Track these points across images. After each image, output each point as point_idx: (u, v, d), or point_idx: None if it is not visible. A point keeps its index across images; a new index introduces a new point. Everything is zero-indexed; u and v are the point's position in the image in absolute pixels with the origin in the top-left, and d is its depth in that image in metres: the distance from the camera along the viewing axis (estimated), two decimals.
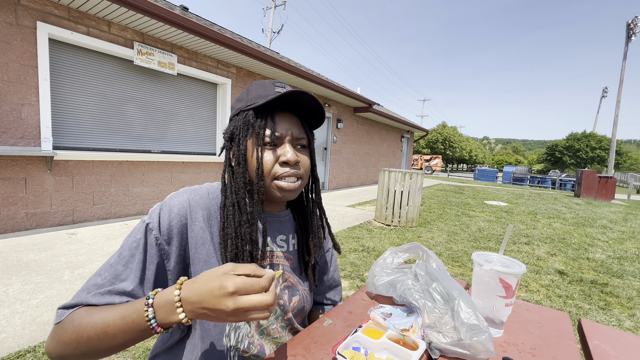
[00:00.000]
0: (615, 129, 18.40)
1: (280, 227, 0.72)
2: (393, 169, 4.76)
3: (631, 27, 18.75)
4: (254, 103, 0.62)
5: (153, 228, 0.57)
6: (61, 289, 2.09)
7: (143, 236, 0.57)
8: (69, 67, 3.51)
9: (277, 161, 0.62)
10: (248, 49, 4.63)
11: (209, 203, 0.64)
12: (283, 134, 0.63)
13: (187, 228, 0.60)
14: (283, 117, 0.63)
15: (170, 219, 0.58)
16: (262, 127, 0.61)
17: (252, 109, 0.62)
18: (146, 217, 0.60)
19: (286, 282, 0.69)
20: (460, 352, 0.54)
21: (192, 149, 4.89)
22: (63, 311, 0.51)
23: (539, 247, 4.10)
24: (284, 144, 0.63)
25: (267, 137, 0.61)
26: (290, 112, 0.65)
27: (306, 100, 0.62)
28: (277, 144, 0.63)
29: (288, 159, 0.61)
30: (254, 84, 0.65)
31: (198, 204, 0.62)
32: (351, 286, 2.52)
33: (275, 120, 0.62)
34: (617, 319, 2.28)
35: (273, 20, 19.15)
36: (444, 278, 0.64)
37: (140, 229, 0.58)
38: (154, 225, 0.58)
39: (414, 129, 13.43)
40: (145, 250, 0.57)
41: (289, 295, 0.70)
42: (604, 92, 32.97)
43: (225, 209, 0.62)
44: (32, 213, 3.25)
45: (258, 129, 0.61)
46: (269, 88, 0.63)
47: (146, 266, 0.57)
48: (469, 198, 8.91)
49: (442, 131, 46.77)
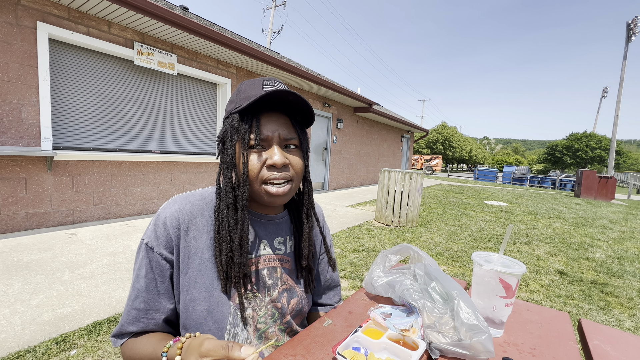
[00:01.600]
0: (615, 129, 18.40)
1: (278, 230, 0.71)
2: (393, 169, 4.76)
3: (631, 27, 18.75)
4: (241, 105, 0.60)
5: (153, 246, 0.61)
6: (61, 289, 2.09)
7: (145, 257, 0.61)
8: (69, 67, 3.51)
9: (264, 164, 0.60)
10: (248, 49, 4.63)
11: (202, 209, 0.64)
12: (269, 136, 0.60)
13: (180, 238, 0.61)
14: (270, 118, 0.61)
15: (166, 231, 0.61)
16: (247, 130, 0.59)
17: (238, 111, 0.60)
18: (143, 236, 0.62)
19: (284, 285, 0.69)
20: (460, 352, 0.54)
21: (192, 149, 4.89)
22: (115, 339, 0.63)
23: (539, 247, 4.10)
24: (272, 146, 0.61)
25: (252, 140, 0.59)
26: (279, 112, 0.62)
27: (292, 99, 0.60)
28: (265, 146, 0.61)
29: (275, 161, 0.59)
30: (244, 84, 0.63)
31: (190, 213, 0.63)
32: (351, 286, 2.52)
33: (262, 121, 0.60)
34: (617, 319, 2.28)
35: (273, 21, 19.16)
36: (443, 278, 0.64)
37: (142, 251, 0.62)
38: (153, 244, 0.61)
39: (414, 129, 13.43)
40: (154, 269, 0.61)
41: (287, 297, 0.69)
42: (604, 92, 32.97)
43: (219, 211, 0.61)
44: (32, 213, 3.25)
45: (243, 132, 0.59)
46: (257, 87, 0.60)
47: (163, 281, 0.62)
48: (469, 198, 8.91)
49: (442, 131, 46.75)
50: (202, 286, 0.60)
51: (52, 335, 1.62)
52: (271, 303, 0.67)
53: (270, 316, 0.67)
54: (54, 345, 1.55)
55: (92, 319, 1.79)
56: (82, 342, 1.60)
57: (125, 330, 0.61)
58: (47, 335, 1.62)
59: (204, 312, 0.60)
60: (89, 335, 1.65)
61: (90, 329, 1.70)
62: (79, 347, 1.56)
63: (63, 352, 1.52)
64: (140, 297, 0.60)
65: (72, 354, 1.52)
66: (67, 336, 1.62)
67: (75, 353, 1.52)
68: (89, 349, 1.56)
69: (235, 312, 0.62)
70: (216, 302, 0.60)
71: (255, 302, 0.64)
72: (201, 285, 0.60)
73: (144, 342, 0.60)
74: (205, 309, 0.60)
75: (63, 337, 1.61)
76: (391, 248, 0.81)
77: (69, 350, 1.53)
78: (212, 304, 0.60)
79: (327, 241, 0.78)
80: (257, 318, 0.65)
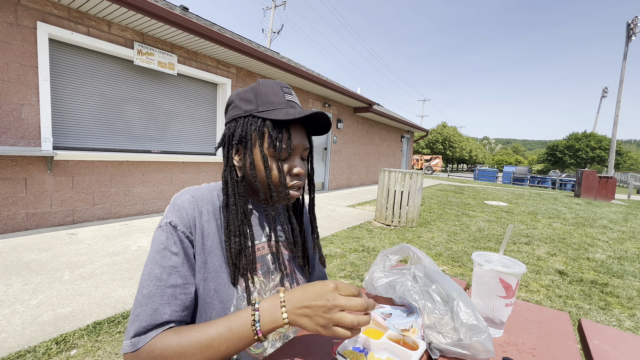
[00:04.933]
0: (615, 129, 18.40)
1: (278, 219, 0.76)
2: (393, 169, 4.76)
3: (631, 27, 18.75)
4: (267, 110, 0.63)
5: (176, 225, 0.61)
6: (61, 289, 2.09)
7: (172, 234, 0.60)
8: (69, 67, 3.51)
9: (289, 172, 0.66)
10: (248, 49, 4.63)
11: (211, 198, 0.67)
12: (297, 146, 0.66)
13: (196, 220, 0.63)
14: (296, 130, 0.66)
15: (187, 213, 0.62)
16: (279, 139, 0.62)
17: (269, 119, 0.63)
18: (162, 221, 0.63)
19: (286, 270, 0.73)
20: (460, 353, 0.54)
21: (192, 149, 4.89)
22: (137, 340, 0.52)
23: (539, 247, 4.10)
24: (295, 156, 0.67)
25: (284, 150, 0.64)
26: (300, 124, 0.68)
27: (322, 119, 0.67)
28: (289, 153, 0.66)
29: (299, 171, 0.66)
30: (262, 85, 0.66)
31: (202, 199, 0.66)
32: None
33: (292, 133, 0.65)
34: (617, 319, 2.28)
35: (273, 21, 19.16)
36: (442, 279, 0.64)
37: (166, 231, 0.61)
38: (176, 222, 0.61)
39: (414, 129, 13.43)
40: (184, 246, 0.61)
41: (289, 283, 0.73)
42: (604, 92, 32.96)
43: (228, 207, 0.65)
44: (32, 213, 3.25)
45: (275, 141, 0.62)
46: (278, 94, 0.65)
47: (189, 259, 0.61)
48: (469, 198, 8.90)
49: (442, 131, 46.75)
50: (212, 267, 0.63)
51: (52, 335, 1.62)
52: (275, 288, 0.70)
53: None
54: (54, 345, 1.55)
55: (92, 319, 1.79)
56: (82, 342, 1.60)
57: (159, 318, 0.54)
58: (47, 335, 1.62)
59: (211, 291, 0.62)
60: (89, 336, 1.65)
61: (90, 329, 1.70)
62: (79, 347, 1.56)
63: (63, 352, 1.52)
64: (175, 272, 0.59)
65: (72, 354, 1.52)
66: (67, 336, 1.62)
67: (75, 353, 1.52)
68: (89, 349, 1.56)
69: (243, 295, 0.65)
70: (223, 282, 0.63)
71: (260, 287, 0.68)
72: (211, 266, 0.63)
73: (193, 330, 0.53)
74: (213, 288, 0.62)
75: (63, 337, 1.61)
76: (390, 248, 0.82)
77: (69, 351, 1.53)
78: (220, 284, 0.63)
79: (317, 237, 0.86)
80: None
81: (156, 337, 0.52)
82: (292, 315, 0.50)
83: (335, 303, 0.47)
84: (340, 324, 0.47)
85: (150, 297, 0.55)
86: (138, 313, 0.54)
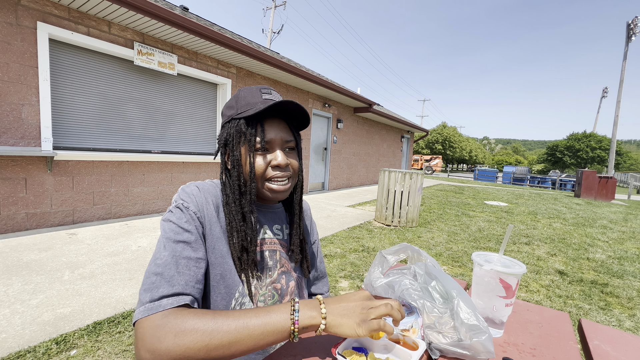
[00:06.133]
0: (616, 129, 18.40)
1: (275, 218, 0.79)
2: (393, 169, 4.76)
3: (631, 27, 18.74)
4: (244, 111, 0.67)
5: (188, 206, 0.63)
6: (61, 289, 2.09)
7: (185, 213, 0.62)
8: (69, 67, 3.51)
9: (269, 165, 0.68)
10: (248, 49, 4.63)
11: (215, 192, 0.71)
12: (273, 139, 0.68)
13: (204, 206, 0.66)
14: (272, 124, 0.69)
15: (196, 199, 0.65)
16: (253, 134, 0.66)
17: (243, 117, 0.67)
18: (173, 204, 0.65)
19: (283, 267, 0.75)
20: (461, 353, 0.54)
21: (192, 149, 4.89)
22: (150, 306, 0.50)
23: (539, 247, 4.10)
24: (274, 149, 0.69)
25: (258, 143, 0.67)
26: (278, 118, 0.71)
27: (292, 107, 0.68)
28: (268, 148, 0.69)
29: (279, 162, 0.68)
30: (242, 92, 0.70)
31: (207, 191, 0.69)
32: (351, 286, 2.52)
33: (265, 127, 0.68)
34: (617, 319, 2.28)
35: (273, 21, 19.16)
36: (443, 277, 0.64)
37: (178, 211, 0.62)
38: (188, 204, 0.64)
39: (414, 129, 13.43)
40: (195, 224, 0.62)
41: (285, 280, 0.75)
42: (604, 92, 32.97)
43: (228, 206, 0.68)
44: (32, 213, 3.25)
45: (249, 136, 0.66)
46: (256, 95, 0.68)
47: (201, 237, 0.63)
48: (469, 198, 8.90)
49: (442, 131, 46.74)
50: (219, 252, 0.65)
51: (52, 335, 1.62)
52: (271, 284, 0.72)
53: (270, 297, 0.72)
54: (54, 345, 1.55)
55: (92, 319, 1.79)
56: (82, 342, 1.60)
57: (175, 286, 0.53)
58: (47, 335, 1.62)
59: (217, 275, 0.65)
60: (89, 336, 1.65)
61: (90, 329, 1.70)
62: (79, 347, 1.56)
63: (63, 352, 1.52)
64: (189, 247, 0.59)
65: (72, 354, 1.52)
66: (67, 336, 1.62)
67: (75, 353, 1.52)
68: (89, 349, 1.56)
69: (244, 291, 0.67)
70: (229, 268, 0.66)
71: (257, 282, 0.70)
72: (218, 252, 0.65)
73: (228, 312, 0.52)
74: (219, 273, 0.65)
75: (63, 337, 1.61)
76: (390, 248, 0.81)
77: (69, 351, 1.53)
78: (225, 270, 0.65)
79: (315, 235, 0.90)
80: (258, 297, 0.70)
81: (176, 309, 0.51)
82: (331, 315, 0.51)
83: (371, 304, 0.52)
84: (376, 315, 0.51)
85: (165, 266, 0.55)
86: (153, 280, 0.54)
